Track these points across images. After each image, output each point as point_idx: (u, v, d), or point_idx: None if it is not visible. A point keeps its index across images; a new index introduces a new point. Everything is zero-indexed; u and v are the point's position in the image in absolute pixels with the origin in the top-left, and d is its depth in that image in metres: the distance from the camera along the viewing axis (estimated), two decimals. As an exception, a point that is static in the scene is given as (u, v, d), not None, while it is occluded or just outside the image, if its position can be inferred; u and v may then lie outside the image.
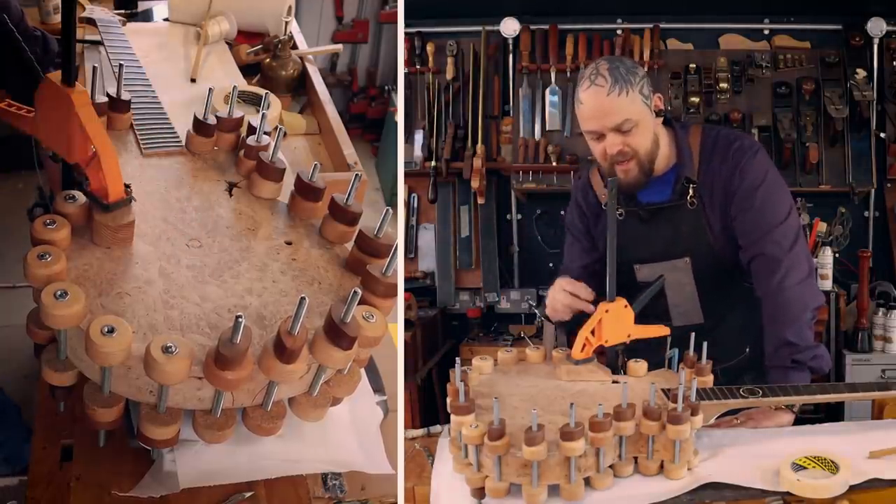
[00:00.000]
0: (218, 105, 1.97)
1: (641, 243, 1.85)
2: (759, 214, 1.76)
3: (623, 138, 1.73)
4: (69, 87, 1.37)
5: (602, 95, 1.70)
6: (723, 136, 1.83)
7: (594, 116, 1.73)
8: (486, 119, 3.14)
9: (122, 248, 1.40)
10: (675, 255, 1.84)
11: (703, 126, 1.87)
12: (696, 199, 1.80)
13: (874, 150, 2.95)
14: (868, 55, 2.98)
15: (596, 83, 1.71)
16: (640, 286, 1.80)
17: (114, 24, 2.43)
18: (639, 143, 1.74)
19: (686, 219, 1.82)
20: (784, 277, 1.70)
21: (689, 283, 1.85)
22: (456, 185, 3.23)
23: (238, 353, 1.20)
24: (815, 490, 1.30)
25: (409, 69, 3.19)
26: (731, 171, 1.78)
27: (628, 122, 1.72)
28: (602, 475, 1.36)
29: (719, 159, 1.79)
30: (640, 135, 1.74)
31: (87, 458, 1.43)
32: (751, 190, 1.76)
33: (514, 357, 1.65)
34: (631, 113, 1.72)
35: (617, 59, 1.76)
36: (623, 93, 1.70)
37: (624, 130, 1.72)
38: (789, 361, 1.67)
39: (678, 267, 1.84)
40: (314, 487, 1.46)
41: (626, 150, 1.74)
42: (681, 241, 1.83)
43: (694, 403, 1.38)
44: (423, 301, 3.19)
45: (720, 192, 1.79)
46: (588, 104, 1.73)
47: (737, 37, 3.12)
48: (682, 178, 1.80)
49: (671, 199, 1.82)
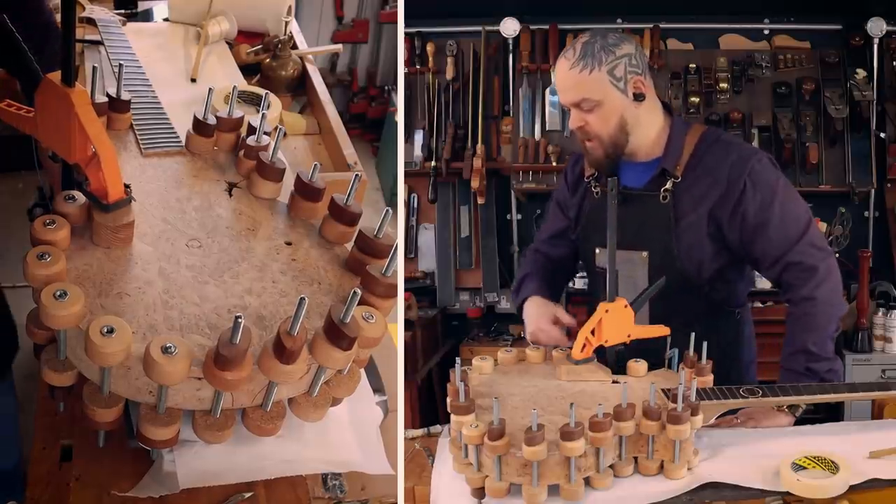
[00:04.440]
0: (218, 105, 1.97)
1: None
2: (781, 226, 1.68)
3: (583, 116, 1.69)
4: (69, 87, 1.37)
5: (565, 68, 1.67)
6: (723, 140, 1.76)
7: (559, 89, 1.71)
8: (486, 119, 3.15)
9: (121, 249, 1.40)
10: (634, 246, 1.76)
11: (707, 128, 1.80)
12: (671, 194, 1.72)
13: (874, 150, 2.95)
14: (868, 55, 2.98)
15: (565, 55, 1.67)
16: (597, 271, 1.80)
17: (114, 24, 2.43)
18: (599, 126, 1.69)
19: (654, 211, 1.74)
20: (820, 284, 1.66)
21: (642, 280, 1.76)
22: (456, 185, 3.23)
23: (237, 354, 1.20)
24: (815, 490, 1.30)
25: (409, 69, 3.19)
26: (734, 181, 1.69)
27: (587, 102, 1.67)
28: (602, 475, 1.36)
29: (713, 161, 1.72)
30: (601, 117, 1.68)
31: (86, 458, 1.43)
32: (766, 205, 1.68)
33: (514, 357, 1.65)
34: (591, 92, 1.66)
35: (603, 32, 1.69)
36: (586, 70, 1.65)
37: (584, 109, 1.68)
38: (804, 368, 1.64)
39: (634, 261, 1.76)
40: (314, 488, 1.46)
41: (586, 129, 1.70)
42: (644, 234, 1.75)
43: (694, 403, 1.38)
44: (423, 301, 3.19)
45: (710, 198, 1.70)
46: (557, 76, 1.71)
47: (737, 37, 3.12)
48: (661, 170, 1.74)
49: (645, 187, 1.76)
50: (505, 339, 3.13)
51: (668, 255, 1.75)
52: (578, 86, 1.66)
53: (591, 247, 1.83)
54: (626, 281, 1.73)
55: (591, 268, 1.86)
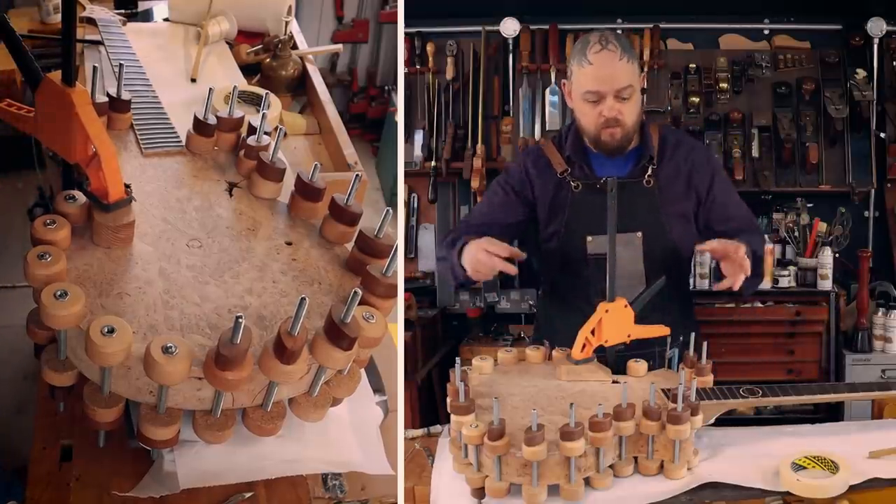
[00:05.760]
0: (218, 105, 1.97)
1: (597, 215, 1.82)
2: (737, 205, 1.99)
3: (620, 105, 1.84)
4: (69, 87, 1.37)
5: (615, 59, 1.82)
6: (674, 132, 2.05)
7: (601, 78, 1.82)
8: (486, 119, 3.14)
9: (122, 249, 1.40)
10: (628, 229, 1.88)
11: (658, 123, 2.03)
12: (653, 179, 1.91)
13: (874, 150, 2.95)
14: (868, 55, 2.98)
15: (608, 48, 1.82)
16: (590, 259, 1.88)
17: (114, 24, 2.43)
18: (631, 111, 1.86)
19: (641, 196, 1.90)
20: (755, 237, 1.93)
21: (638, 260, 1.90)
22: (456, 185, 3.23)
23: (238, 354, 1.20)
24: (815, 490, 1.30)
25: (409, 69, 3.19)
26: (700, 164, 1.94)
27: (629, 89, 1.83)
28: (602, 475, 1.36)
29: (673, 150, 1.94)
30: (634, 104, 1.86)
31: (86, 458, 1.43)
32: (726, 187, 1.99)
33: (514, 357, 1.66)
34: (633, 79, 1.84)
35: (613, 32, 1.87)
36: (631, 60, 1.84)
37: (624, 97, 1.83)
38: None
39: (631, 241, 1.90)
40: (314, 488, 1.46)
41: (619, 118, 1.85)
42: (635, 217, 1.89)
43: (694, 403, 1.38)
44: (423, 301, 3.18)
45: (682, 180, 1.92)
46: (598, 65, 1.82)
47: (737, 37, 3.12)
48: (645, 158, 1.91)
49: (629, 174, 1.90)
50: (505, 339, 3.12)
51: (661, 234, 1.91)
52: (626, 74, 1.83)
53: (579, 236, 1.90)
54: (624, 261, 1.85)
55: (580, 256, 1.91)
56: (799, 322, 2.71)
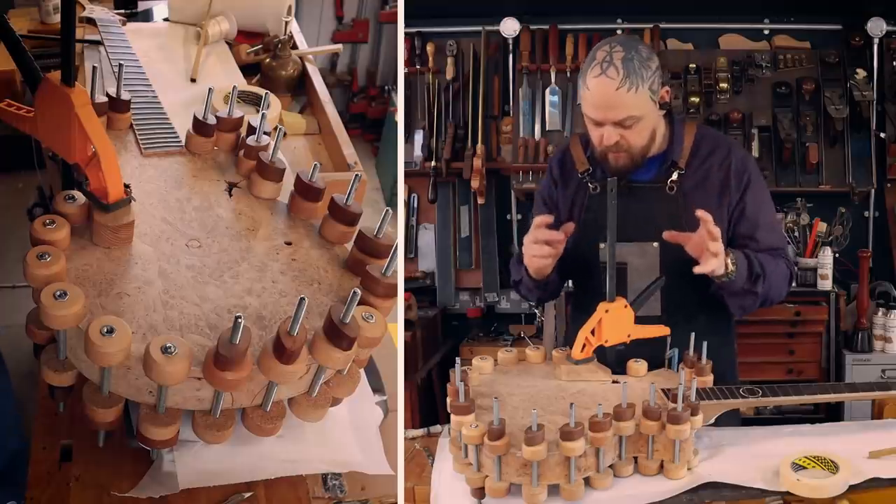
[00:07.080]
0: (218, 105, 1.97)
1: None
2: (772, 221, 1.85)
3: (621, 132, 1.69)
4: (69, 87, 1.37)
5: (611, 89, 1.65)
6: (712, 135, 1.86)
7: (598, 106, 1.68)
8: (486, 119, 3.14)
9: (121, 249, 1.40)
10: (644, 237, 1.78)
11: (698, 123, 1.88)
12: (677, 185, 1.77)
13: (874, 150, 2.95)
14: (868, 55, 2.98)
15: (607, 74, 1.65)
16: (601, 266, 1.77)
17: (114, 24, 2.43)
18: (635, 139, 1.71)
19: (662, 202, 1.78)
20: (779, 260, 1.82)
21: (654, 270, 1.78)
22: (456, 185, 3.23)
23: (237, 354, 1.20)
24: (815, 490, 1.30)
25: (409, 69, 3.19)
26: (735, 171, 1.78)
27: (631, 119, 1.68)
28: (602, 475, 1.36)
29: (707, 155, 1.79)
30: (639, 131, 1.71)
31: (86, 458, 1.43)
32: (762, 199, 1.82)
33: (514, 357, 1.65)
34: (636, 109, 1.67)
35: (632, 44, 1.69)
36: (633, 89, 1.65)
37: (625, 126, 1.69)
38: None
39: (646, 251, 1.78)
40: (314, 488, 1.46)
41: (621, 143, 1.70)
42: (653, 224, 1.76)
43: (694, 403, 1.39)
44: (423, 301, 3.18)
45: (713, 187, 1.78)
46: (595, 93, 1.67)
47: (737, 37, 3.12)
48: (669, 162, 1.77)
49: (653, 179, 1.79)
50: (505, 339, 3.12)
51: (680, 245, 1.75)
52: (625, 105, 1.66)
53: (594, 241, 1.81)
54: (639, 273, 1.77)
55: (594, 262, 1.83)
56: (799, 322, 2.72)
